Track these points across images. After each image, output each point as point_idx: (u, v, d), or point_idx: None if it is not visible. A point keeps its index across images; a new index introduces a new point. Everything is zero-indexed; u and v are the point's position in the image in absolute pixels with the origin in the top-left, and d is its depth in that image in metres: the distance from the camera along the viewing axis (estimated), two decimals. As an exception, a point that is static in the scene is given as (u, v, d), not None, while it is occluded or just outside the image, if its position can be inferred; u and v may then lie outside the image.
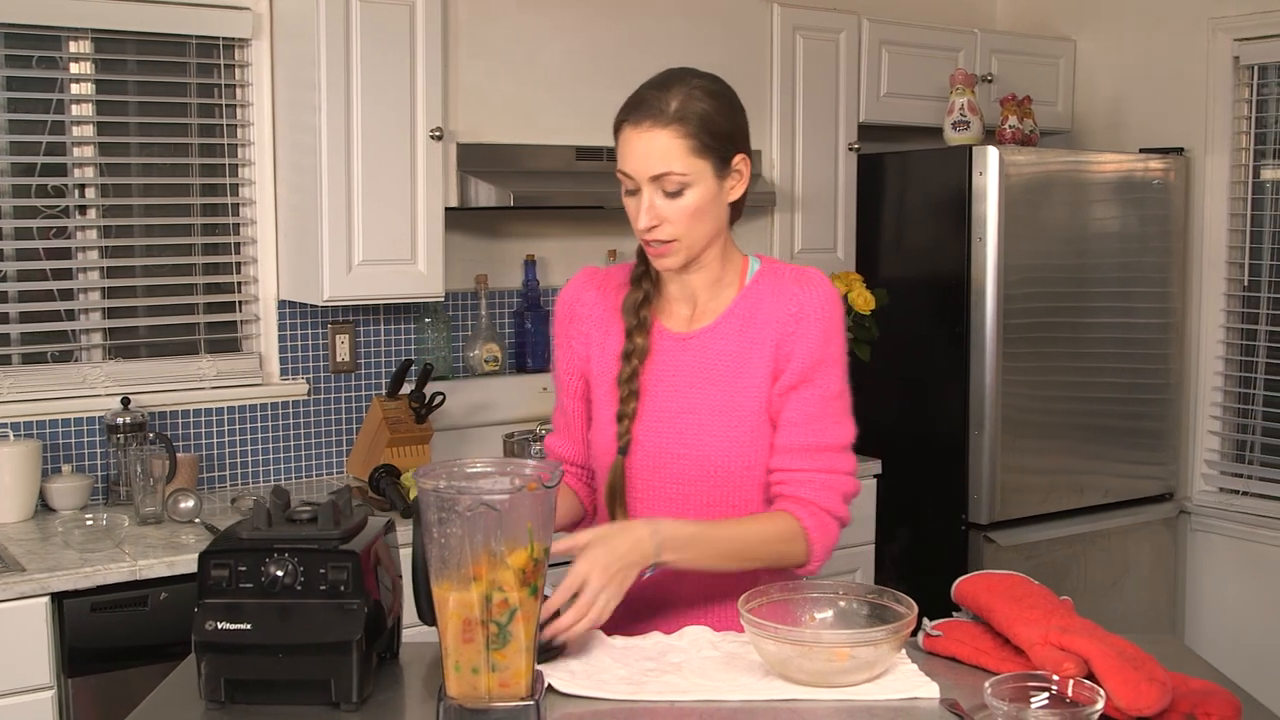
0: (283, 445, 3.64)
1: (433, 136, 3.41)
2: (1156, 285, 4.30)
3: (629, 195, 1.97)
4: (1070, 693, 1.59)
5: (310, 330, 3.68)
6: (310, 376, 3.68)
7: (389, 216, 3.39)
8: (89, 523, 3.03)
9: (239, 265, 3.62)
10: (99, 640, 2.78)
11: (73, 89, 3.40)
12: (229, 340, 3.63)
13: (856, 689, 1.70)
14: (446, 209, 3.48)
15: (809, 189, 4.14)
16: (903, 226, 4.29)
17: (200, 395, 3.53)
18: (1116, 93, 4.66)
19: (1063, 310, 4.09)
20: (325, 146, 3.30)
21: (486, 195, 3.49)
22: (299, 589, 1.66)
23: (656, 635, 1.93)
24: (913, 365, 4.19)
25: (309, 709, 1.65)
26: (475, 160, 3.52)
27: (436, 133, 3.41)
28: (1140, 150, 4.41)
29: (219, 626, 1.64)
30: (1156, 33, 4.52)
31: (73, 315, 3.43)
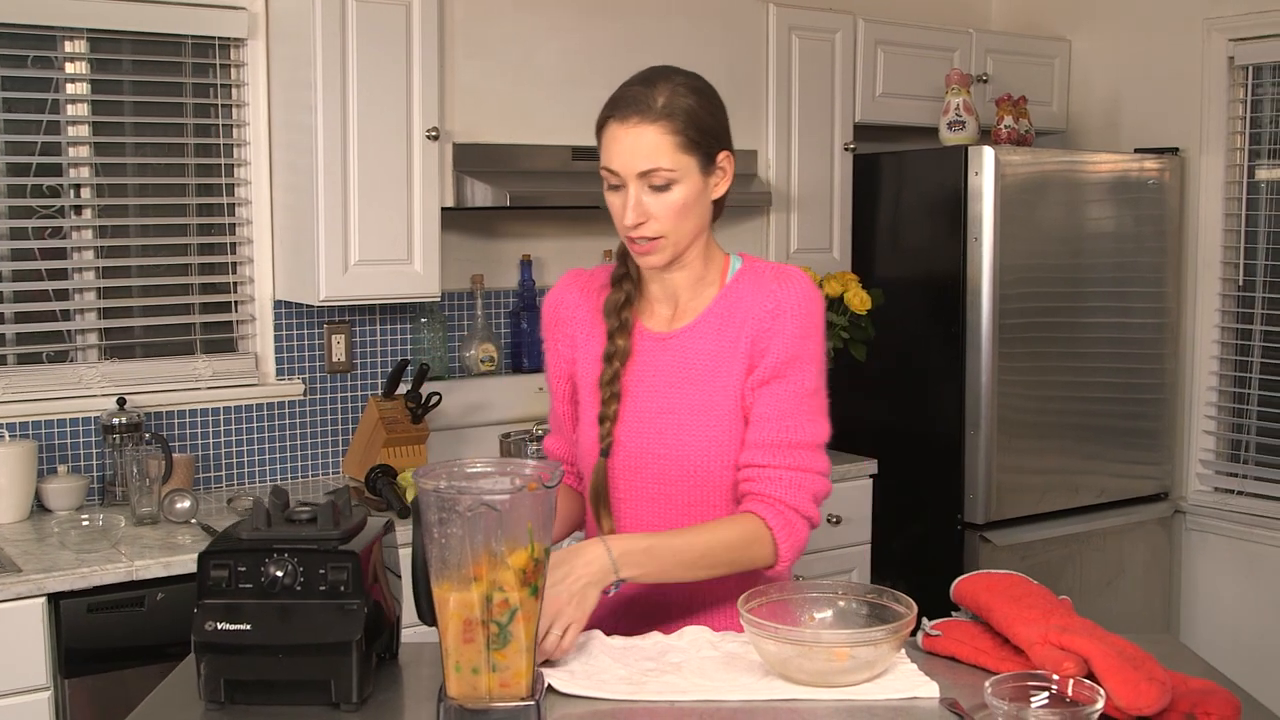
0: (279, 445, 3.64)
1: (429, 136, 3.41)
2: (1152, 285, 4.31)
3: (612, 192, 1.97)
4: (1070, 692, 1.59)
5: (306, 330, 3.67)
6: (306, 377, 3.67)
7: (385, 216, 3.39)
8: (85, 523, 3.02)
9: (235, 265, 3.62)
10: (95, 641, 2.77)
11: (68, 89, 3.39)
12: (225, 340, 3.62)
13: (856, 689, 1.70)
14: (442, 209, 3.48)
15: (805, 189, 4.14)
16: (898, 226, 4.30)
17: (196, 395, 3.52)
18: (1111, 93, 4.67)
19: (1058, 310, 4.09)
20: (321, 146, 3.30)
21: (483, 195, 3.48)
22: (299, 589, 1.66)
23: (656, 635, 1.93)
24: (908, 365, 4.20)
25: (309, 709, 1.65)
26: (471, 160, 3.52)
27: (433, 133, 3.41)
28: (1135, 150, 4.42)
29: (219, 627, 1.64)
30: (1151, 33, 4.53)
31: (68, 315, 3.42)
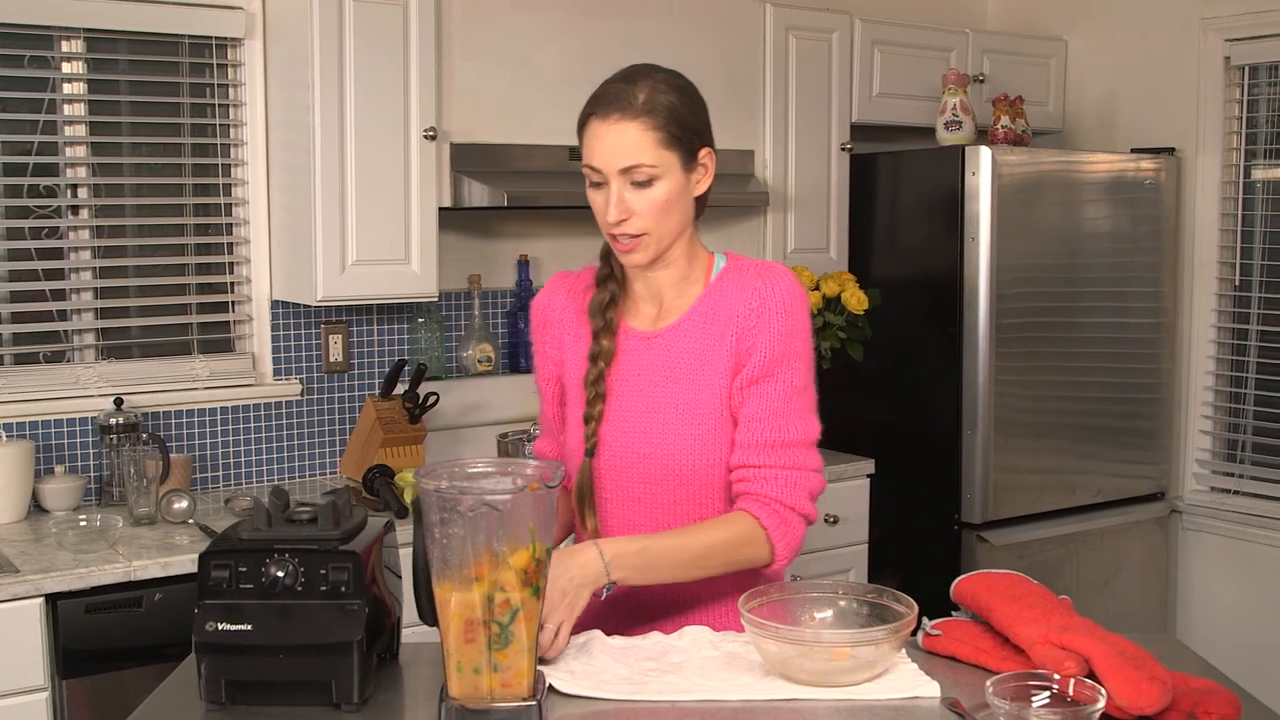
0: (276, 446, 3.63)
1: (426, 136, 3.41)
2: (1148, 285, 4.32)
3: (595, 190, 1.96)
4: (1071, 692, 1.59)
5: (303, 330, 3.67)
6: (303, 377, 3.67)
7: (382, 216, 3.39)
8: (83, 524, 3.02)
9: (232, 265, 3.62)
10: (93, 641, 2.77)
11: (65, 88, 3.39)
12: (222, 340, 3.62)
13: (857, 688, 1.71)
14: (440, 209, 3.48)
15: (802, 189, 4.14)
16: (895, 226, 4.30)
17: (193, 396, 3.52)
18: (1107, 93, 4.67)
19: (1055, 310, 4.10)
20: (319, 146, 3.29)
21: (480, 195, 3.48)
22: (299, 590, 1.66)
23: (656, 635, 1.93)
24: (906, 365, 4.20)
25: (310, 710, 1.65)
26: (469, 160, 3.52)
27: (430, 133, 3.41)
28: (1131, 150, 4.43)
29: (219, 627, 1.64)
30: (1147, 33, 4.53)
31: (65, 315, 3.42)
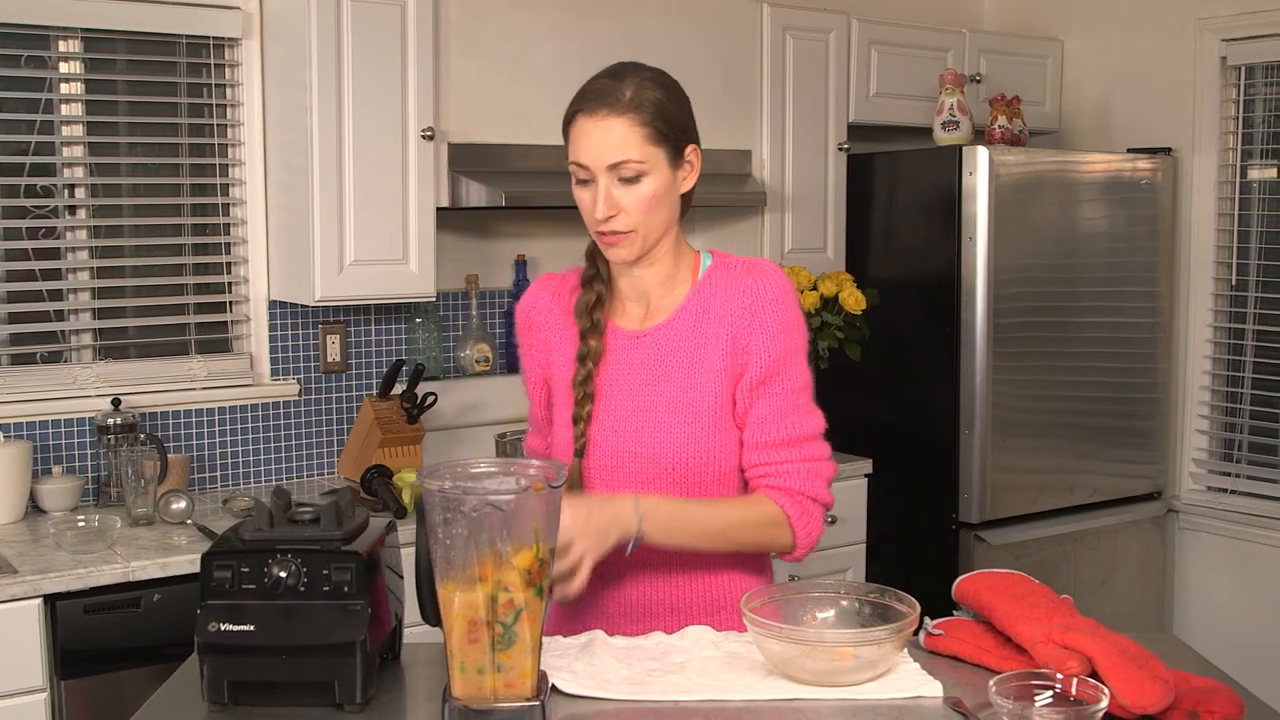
0: (274, 446, 3.63)
1: (424, 136, 3.41)
2: (1145, 285, 4.32)
3: (581, 187, 1.96)
4: (1074, 691, 1.59)
5: (301, 330, 3.66)
6: (301, 377, 3.67)
7: (380, 217, 3.38)
8: (81, 524, 3.01)
9: (229, 265, 3.61)
10: (92, 642, 2.76)
11: (62, 88, 3.38)
12: (220, 341, 3.62)
13: (860, 688, 1.71)
14: (437, 209, 3.48)
15: (799, 189, 4.14)
16: (893, 226, 4.30)
17: (191, 396, 3.51)
18: (1104, 93, 4.68)
19: (1052, 310, 4.10)
20: (316, 146, 3.29)
21: (478, 195, 3.48)
22: (302, 590, 1.65)
23: (659, 635, 1.93)
24: (903, 365, 4.20)
25: (312, 710, 1.65)
26: (466, 160, 3.52)
27: (428, 133, 3.41)
28: (1128, 150, 4.43)
29: (222, 628, 1.63)
30: (1144, 33, 4.54)
31: (62, 316, 3.41)
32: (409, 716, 1.70)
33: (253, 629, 1.63)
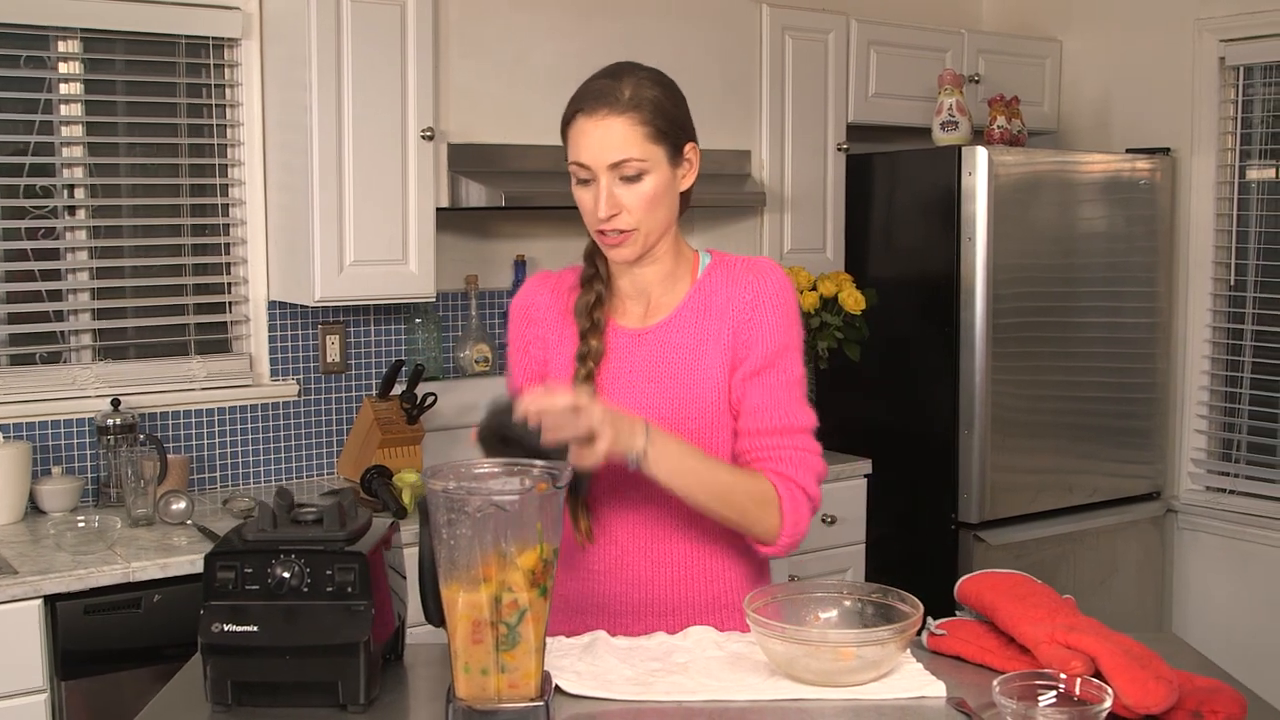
0: (273, 446, 3.63)
1: (424, 137, 3.40)
2: (1143, 285, 4.32)
3: (582, 187, 1.96)
4: (1078, 691, 1.59)
5: (300, 331, 3.66)
6: (301, 377, 3.66)
7: (380, 217, 3.38)
8: (81, 525, 3.01)
9: (229, 266, 3.61)
10: (92, 643, 2.76)
11: (61, 89, 3.38)
12: (219, 341, 3.61)
13: (863, 688, 1.71)
14: (437, 209, 3.48)
15: (798, 189, 4.14)
16: (892, 227, 4.30)
17: (191, 396, 3.51)
18: (1103, 93, 4.68)
19: (1051, 310, 4.10)
20: (316, 147, 3.29)
21: (477, 195, 3.48)
22: (305, 591, 1.65)
23: (661, 636, 1.93)
24: (902, 365, 4.20)
25: (316, 711, 1.65)
26: (466, 160, 3.52)
27: (428, 133, 3.41)
28: (1127, 150, 4.44)
29: (225, 629, 1.63)
30: (1142, 33, 4.54)
31: (62, 316, 3.41)
32: (412, 717, 1.70)
33: (256, 630, 1.63)
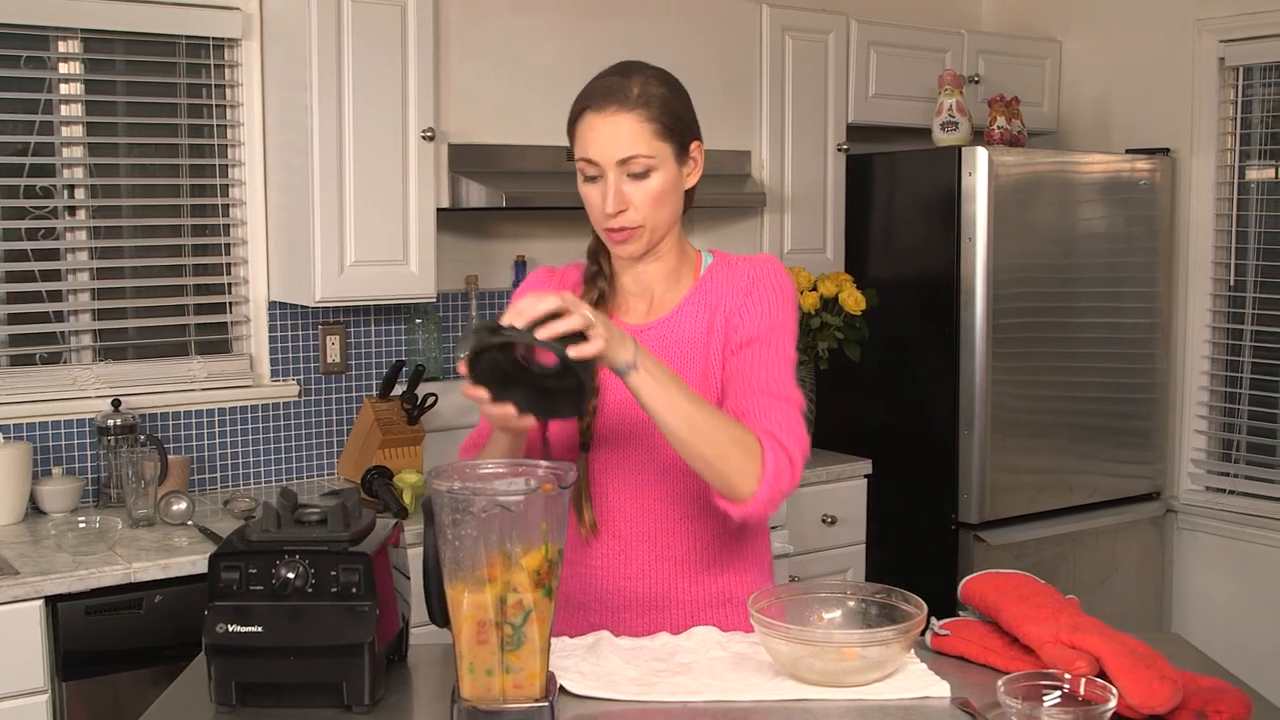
0: (274, 447, 3.63)
1: (424, 137, 3.40)
2: (1143, 285, 4.33)
3: (589, 184, 1.97)
4: (1083, 691, 1.59)
5: (301, 331, 3.66)
6: (301, 378, 3.66)
7: (380, 217, 3.38)
8: (81, 525, 3.00)
9: (229, 266, 3.61)
10: (93, 643, 2.76)
11: (61, 89, 3.38)
12: (219, 342, 3.61)
13: (867, 688, 1.71)
14: (438, 210, 3.48)
15: (798, 190, 4.14)
16: (892, 227, 4.31)
17: (191, 397, 3.51)
18: (1102, 93, 4.69)
19: (1051, 310, 4.11)
20: (317, 147, 3.29)
21: (478, 196, 3.48)
22: (310, 591, 1.65)
23: (665, 636, 1.93)
24: (902, 365, 4.20)
25: (320, 712, 1.65)
26: (466, 161, 3.52)
27: (428, 133, 3.40)
28: (1126, 151, 4.44)
29: (229, 629, 1.63)
30: (1142, 34, 4.54)
31: (62, 317, 3.41)
32: (416, 717, 1.70)
33: (260, 630, 1.63)
